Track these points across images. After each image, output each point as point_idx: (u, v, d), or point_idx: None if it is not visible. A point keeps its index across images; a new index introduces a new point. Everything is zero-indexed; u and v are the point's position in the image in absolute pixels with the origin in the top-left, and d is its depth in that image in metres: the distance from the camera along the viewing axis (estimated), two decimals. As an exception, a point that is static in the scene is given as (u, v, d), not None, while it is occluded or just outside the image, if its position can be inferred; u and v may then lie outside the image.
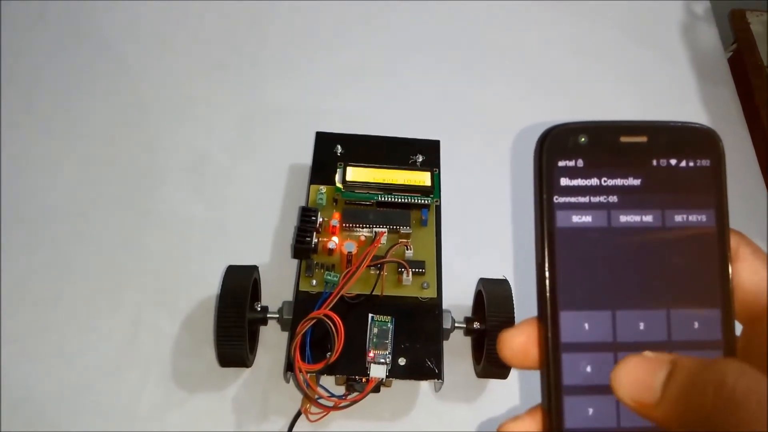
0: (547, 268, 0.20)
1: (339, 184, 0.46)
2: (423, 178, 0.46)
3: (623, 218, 0.20)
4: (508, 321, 0.41)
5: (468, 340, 0.46)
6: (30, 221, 0.51)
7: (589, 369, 0.19)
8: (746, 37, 0.67)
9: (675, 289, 0.20)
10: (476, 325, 0.43)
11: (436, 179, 0.46)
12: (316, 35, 0.66)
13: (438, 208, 0.46)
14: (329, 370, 0.39)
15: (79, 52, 0.62)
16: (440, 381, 0.39)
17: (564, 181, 0.20)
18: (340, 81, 0.63)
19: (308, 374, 0.38)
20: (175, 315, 0.47)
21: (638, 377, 0.18)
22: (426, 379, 0.40)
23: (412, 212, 0.45)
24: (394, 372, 0.39)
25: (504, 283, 0.44)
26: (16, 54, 0.61)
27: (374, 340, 0.40)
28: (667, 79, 0.65)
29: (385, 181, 0.46)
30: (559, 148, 0.20)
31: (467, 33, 0.67)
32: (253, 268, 0.44)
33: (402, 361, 0.39)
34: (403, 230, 0.44)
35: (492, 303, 0.42)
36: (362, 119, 0.58)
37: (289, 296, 0.44)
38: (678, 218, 0.20)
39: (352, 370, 0.39)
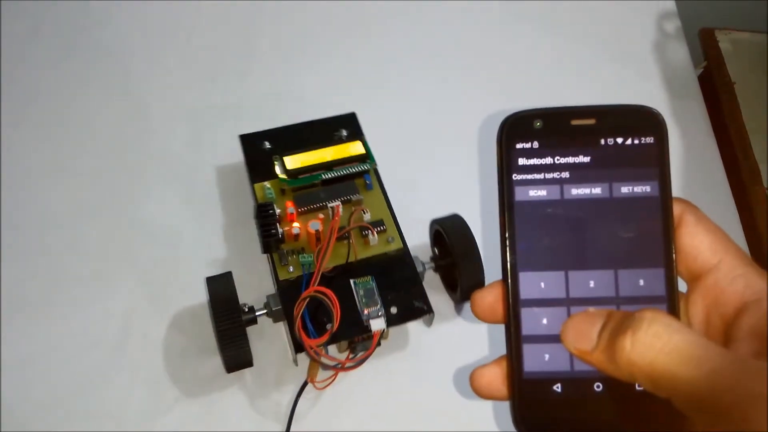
0: (507, 236, 0.23)
1: (282, 175, 0.48)
2: (355, 148, 0.49)
3: (575, 191, 0.23)
4: (471, 246, 0.46)
5: (437, 277, 0.51)
6: (22, 229, 0.52)
7: (545, 321, 0.23)
8: (715, 55, 0.68)
9: (622, 252, 0.22)
10: (445, 260, 0.48)
11: (366, 146, 0.50)
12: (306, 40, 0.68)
13: (376, 171, 0.50)
14: (333, 339, 0.42)
15: (73, 63, 0.63)
16: (432, 314, 0.43)
17: (522, 161, 0.23)
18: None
19: (318, 347, 0.41)
20: (162, 320, 0.49)
21: (580, 329, 0.21)
22: (419, 317, 0.44)
23: (356, 180, 0.49)
24: (390, 321, 0.43)
25: (456, 217, 0.48)
26: (11, 64, 0.61)
27: (363, 300, 0.43)
28: (640, 94, 0.66)
29: (323, 160, 0.49)
30: (518, 132, 0.23)
31: (444, 46, 0.68)
32: (229, 274, 0.46)
33: (394, 310, 0.43)
34: (355, 198, 0.47)
35: (452, 234, 0.47)
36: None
37: (262, 292, 0.46)
38: (624, 189, 0.23)
39: (353, 332, 0.42)
